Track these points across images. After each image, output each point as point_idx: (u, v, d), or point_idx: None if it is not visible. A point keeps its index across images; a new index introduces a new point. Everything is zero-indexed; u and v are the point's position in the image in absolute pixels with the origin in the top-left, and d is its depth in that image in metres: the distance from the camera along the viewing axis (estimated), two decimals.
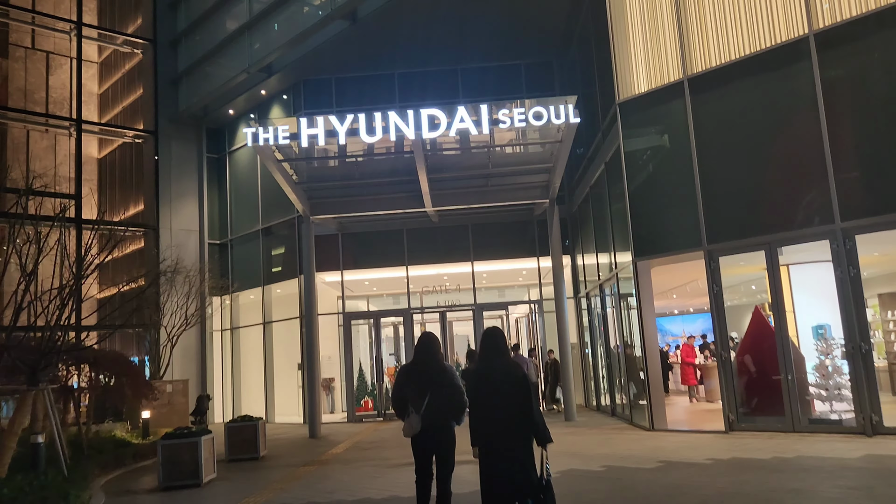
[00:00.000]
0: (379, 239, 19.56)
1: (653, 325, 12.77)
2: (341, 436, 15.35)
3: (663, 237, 12.60)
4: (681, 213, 12.32)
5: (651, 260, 12.67)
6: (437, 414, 5.50)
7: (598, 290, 16.47)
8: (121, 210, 24.78)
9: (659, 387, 12.64)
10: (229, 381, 22.05)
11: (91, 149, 26.82)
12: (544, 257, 19.16)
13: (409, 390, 5.64)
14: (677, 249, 12.29)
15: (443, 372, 5.66)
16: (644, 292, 12.71)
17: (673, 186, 12.49)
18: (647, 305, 12.71)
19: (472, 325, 19.31)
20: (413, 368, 5.77)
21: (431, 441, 5.56)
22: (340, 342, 19.43)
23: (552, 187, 15.49)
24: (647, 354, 12.55)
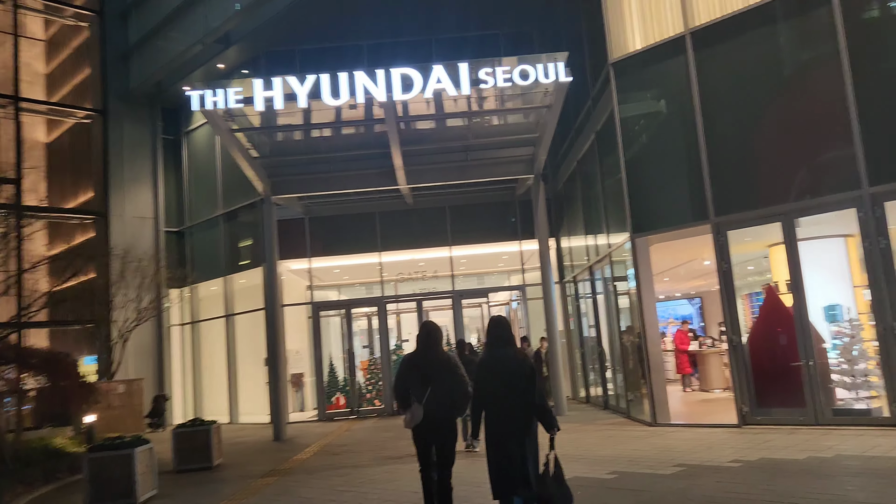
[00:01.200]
0: (349, 223, 18.02)
1: (653, 309, 11.45)
2: (310, 437, 13.83)
3: (664, 211, 11.28)
4: (684, 183, 11.00)
5: (650, 236, 11.34)
6: (440, 404, 5.39)
7: (587, 273, 15.13)
8: (70, 198, 22.89)
9: (661, 377, 11.32)
10: (190, 379, 20.35)
11: (38, 133, 24.81)
12: (527, 240, 17.80)
13: (412, 380, 5.50)
14: (680, 224, 10.96)
15: (447, 361, 5.54)
16: (643, 272, 11.38)
17: (675, 154, 11.17)
18: (646, 286, 11.38)
19: (451, 313, 17.88)
20: (415, 358, 5.62)
21: (433, 432, 5.45)
22: (310, 335, 17.86)
23: (538, 161, 14.08)
24: (648, 341, 11.23)
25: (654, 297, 11.49)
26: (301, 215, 17.80)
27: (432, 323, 5.80)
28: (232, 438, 14.73)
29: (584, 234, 15.08)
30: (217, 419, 19.47)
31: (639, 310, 11.32)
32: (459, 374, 5.52)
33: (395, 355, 17.64)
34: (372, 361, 17.69)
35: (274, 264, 14.50)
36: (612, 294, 13.40)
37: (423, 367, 5.51)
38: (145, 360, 19.85)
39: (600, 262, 13.74)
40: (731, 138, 10.45)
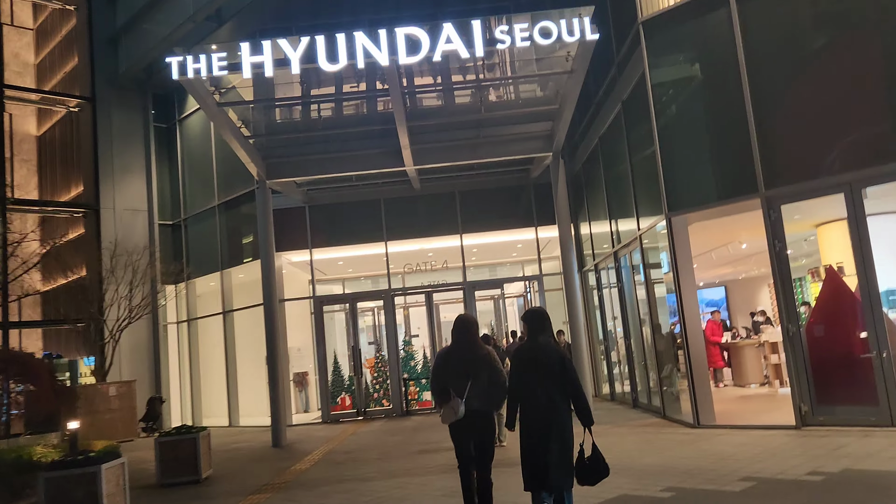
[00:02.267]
0: (352, 211, 16.71)
1: (693, 296, 10.12)
2: (312, 442, 12.56)
3: (705, 186, 9.93)
4: (728, 153, 9.64)
5: (689, 214, 9.99)
6: (481, 399, 5.30)
7: (611, 261, 13.78)
8: (60, 191, 21.70)
9: (704, 372, 9.99)
10: (187, 380, 19.12)
11: (28, 126, 23.66)
12: (544, 227, 16.48)
13: (451, 375, 5.35)
14: (724, 199, 9.59)
15: (486, 355, 5.39)
16: (681, 255, 10.04)
17: (717, 121, 9.81)
18: (685, 270, 10.04)
19: (463, 306, 16.58)
20: (452, 352, 5.50)
21: (473, 427, 5.33)
22: (313, 331, 16.58)
23: (557, 137, 12.72)
24: (688, 332, 9.90)
25: (694, 283, 10.15)
26: (301, 203, 16.51)
27: (469, 315, 5.66)
28: (228, 444, 13.49)
29: (606, 219, 13.72)
30: (216, 422, 18.48)
31: (678, 297, 9.97)
32: (498, 367, 5.38)
33: (403, 352, 16.37)
34: (379, 359, 16.41)
35: (270, 255, 13.22)
36: (640, 282, 12.05)
37: (462, 361, 5.35)
38: (140, 360, 18.65)
39: (627, 248, 12.40)
40: (782, 100, 9.09)
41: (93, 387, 16.48)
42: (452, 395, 5.24)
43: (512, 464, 7.63)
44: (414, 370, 16.30)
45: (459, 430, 5.35)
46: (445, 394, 5.30)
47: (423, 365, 16.33)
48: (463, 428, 5.31)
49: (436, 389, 5.43)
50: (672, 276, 10.09)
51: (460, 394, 5.21)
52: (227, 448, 12.90)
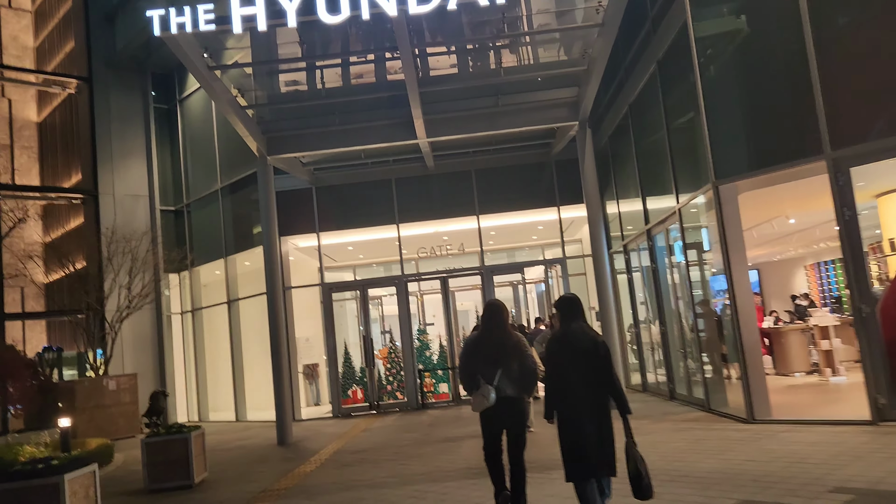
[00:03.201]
0: (362, 192, 15.58)
1: (745, 273, 8.88)
2: (321, 439, 11.49)
3: (758, 149, 8.67)
4: (787, 110, 8.38)
5: (740, 182, 8.73)
6: (511, 385, 5.13)
7: (642, 240, 12.53)
8: (63, 178, 20.75)
9: (758, 359, 8.77)
10: (192, 372, 18.12)
11: (29, 111, 22.73)
12: (567, 206, 15.28)
13: (479, 362, 5.18)
14: (782, 162, 8.31)
15: (517, 341, 5.24)
16: (731, 227, 8.81)
17: (773, 75, 8.53)
18: (735, 245, 8.81)
19: (481, 293, 15.42)
20: (482, 338, 5.33)
21: (504, 415, 5.13)
22: (323, 320, 15.49)
23: (584, 103, 11.50)
24: (740, 315, 8.67)
25: (745, 260, 8.90)
26: (307, 185, 15.39)
27: (498, 301, 5.45)
28: (231, 442, 12.46)
29: (637, 195, 12.45)
30: (222, 417, 17.50)
31: (728, 276, 8.75)
32: (528, 353, 5.25)
33: (417, 341, 15.25)
34: (392, 349, 15.30)
35: (273, 239, 12.14)
36: (679, 262, 10.83)
37: (492, 348, 5.21)
38: (144, 352, 17.70)
39: (663, 224, 11.15)
40: (852, 48, 7.82)
41: (92, 380, 15.52)
42: (482, 382, 5.07)
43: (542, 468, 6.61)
44: (429, 361, 15.18)
45: (490, 418, 5.17)
46: (474, 381, 5.14)
47: (438, 355, 15.21)
48: (494, 415, 5.14)
49: (465, 376, 5.27)
50: (720, 251, 8.85)
51: (490, 381, 5.06)
52: (230, 446, 11.86)
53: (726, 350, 10.17)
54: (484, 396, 5.04)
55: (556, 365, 4.74)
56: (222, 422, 16.74)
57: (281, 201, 15.40)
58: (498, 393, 5.05)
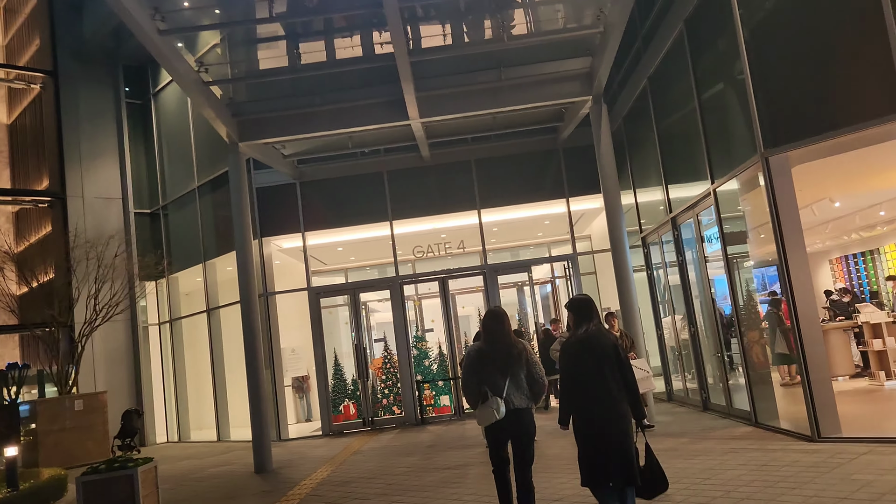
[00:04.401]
0: (351, 187, 14.07)
1: (804, 262, 7.35)
2: (305, 465, 9.94)
3: (819, 110, 7.14)
4: (855, 64, 6.87)
5: (795, 150, 7.23)
6: (520, 396, 4.86)
7: (665, 231, 11.03)
8: (34, 182, 19.21)
9: (823, 365, 7.24)
10: (172, 388, 16.54)
11: None
12: (577, 198, 13.80)
13: (485, 373, 4.87)
14: (850, 125, 6.79)
15: (522, 350, 4.95)
16: (785, 207, 7.31)
17: (835, 25, 7.03)
18: (791, 228, 7.30)
19: (484, 295, 13.89)
20: (486, 349, 4.99)
21: (514, 427, 4.83)
22: (311, 329, 13.94)
23: (599, 76, 10.02)
24: (800, 312, 7.16)
25: (803, 246, 7.37)
26: (291, 180, 13.89)
27: (499, 308, 5.17)
28: (204, 468, 10.90)
29: (659, 182, 10.96)
30: (204, 436, 15.95)
31: (783, 266, 7.23)
32: (535, 362, 4.97)
33: (415, 349, 13.71)
34: (387, 358, 13.74)
35: (247, 237, 10.61)
36: (714, 253, 9.33)
37: (499, 358, 4.87)
38: (117, 367, 16.15)
39: (693, 210, 9.65)
40: None
41: (55, 400, 13.94)
42: (490, 395, 4.80)
43: None
44: (428, 371, 13.64)
45: (498, 432, 4.91)
46: (479, 394, 4.87)
47: (438, 364, 13.67)
48: (502, 429, 4.86)
49: (470, 390, 4.97)
50: (773, 236, 7.33)
51: (498, 393, 4.81)
52: (201, 475, 10.30)
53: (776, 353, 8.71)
54: (493, 409, 4.73)
55: (574, 369, 4.56)
56: (203, 442, 15.17)
57: (262, 198, 13.99)
58: (507, 405, 4.78)
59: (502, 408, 4.73)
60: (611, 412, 4.38)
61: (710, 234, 9.54)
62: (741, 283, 8.88)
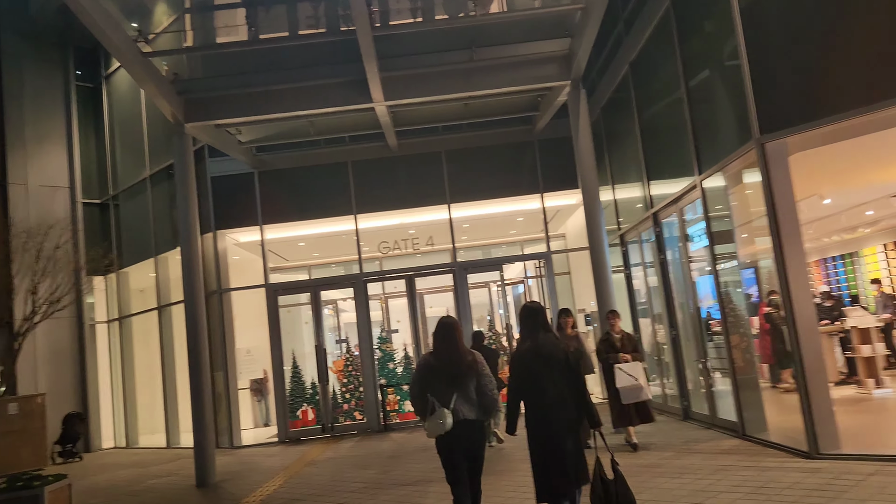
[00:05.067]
0: (313, 178, 13.14)
1: (801, 260, 6.63)
2: (253, 477, 8.99)
3: (822, 91, 6.42)
4: (858, 42, 6.16)
5: (794, 136, 6.50)
6: (468, 408, 4.69)
7: (644, 228, 10.32)
8: None
9: (822, 375, 6.51)
10: (120, 390, 15.41)
11: None
12: (552, 193, 13.07)
13: (435, 384, 4.71)
14: (856, 107, 6.08)
15: (473, 361, 4.76)
16: (781, 198, 6.59)
17: None
18: (787, 221, 6.58)
19: (453, 294, 13.05)
20: (436, 359, 4.81)
21: (463, 439, 4.67)
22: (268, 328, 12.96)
23: (578, 58, 9.26)
24: (797, 316, 6.44)
25: (800, 242, 6.65)
26: (249, 169, 12.91)
27: (451, 318, 4.97)
28: (143, 480, 9.90)
29: (639, 177, 10.24)
30: (154, 442, 14.86)
31: (779, 262, 6.51)
32: (486, 374, 4.78)
33: (379, 351, 12.82)
34: (349, 360, 12.83)
35: (192, 228, 9.64)
36: (699, 253, 8.62)
37: (447, 368, 4.72)
38: (62, 367, 14.95)
39: (677, 205, 8.93)
40: None
41: None
42: (437, 406, 4.64)
43: None
44: (393, 374, 12.75)
45: (448, 444, 4.72)
46: (426, 406, 4.69)
47: (404, 367, 12.80)
48: (452, 441, 4.68)
49: (416, 401, 4.82)
50: (770, 231, 6.61)
51: (446, 404, 4.63)
52: (136, 488, 9.29)
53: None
54: (440, 421, 4.61)
55: (527, 377, 4.50)
56: (152, 449, 14.10)
57: (218, 189, 13.02)
58: (455, 416, 4.64)
59: (448, 419, 4.59)
60: (567, 422, 4.30)
61: (694, 232, 8.83)
62: (727, 283, 8.16)
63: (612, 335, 8.14)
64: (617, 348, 8.03)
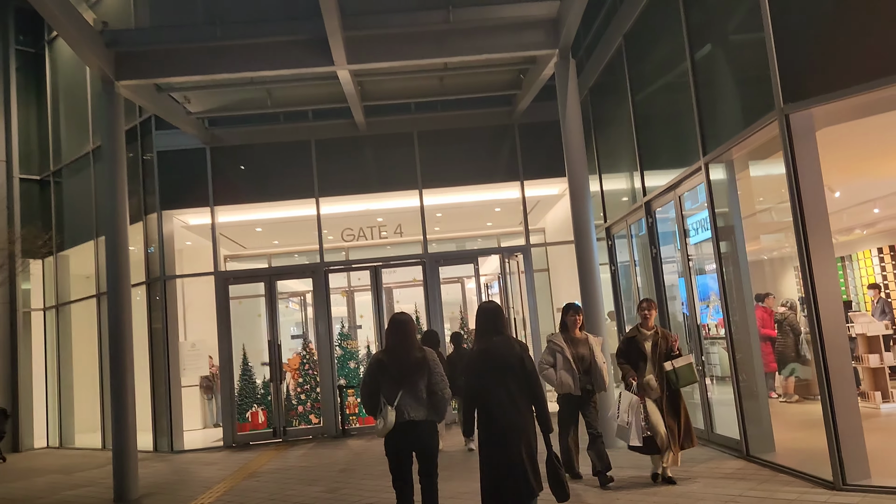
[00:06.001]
0: (272, 156, 11.88)
1: (830, 254, 5.56)
2: (184, 490, 7.74)
3: (856, 56, 5.35)
4: None
5: (824, 105, 5.43)
6: (416, 407, 4.48)
7: (634, 220, 9.25)
8: None
9: (851, 391, 5.45)
10: (55, 384, 13.97)
11: None
12: (533, 181, 11.97)
13: (383, 382, 4.52)
14: None
15: (422, 359, 4.60)
16: (808, 178, 5.53)
17: None
18: (815, 208, 5.51)
19: (423, 289, 11.87)
20: (386, 357, 4.62)
21: (410, 439, 4.48)
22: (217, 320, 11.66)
23: (567, 23, 8.13)
24: (824, 322, 5.37)
25: (829, 233, 5.59)
26: (200, 144, 11.60)
27: (404, 314, 4.85)
28: (60, 490, 8.59)
29: (631, 165, 9.17)
30: (90, 442, 13.45)
31: (805, 257, 5.44)
32: (438, 372, 4.61)
33: (339, 349, 11.60)
34: (306, 358, 11.59)
35: (119, 207, 8.30)
36: (701, 247, 7.57)
37: (395, 366, 4.55)
38: None
39: (675, 191, 7.86)
40: None
41: None
42: (384, 404, 4.46)
43: None
44: (354, 374, 11.54)
45: (394, 443, 4.50)
46: (377, 404, 4.52)
47: (366, 367, 11.56)
48: (398, 440, 4.48)
49: (366, 400, 4.60)
50: (793, 219, 5.54)
51: (390, 402, 4.43)
52: (47, 500, 7.95)
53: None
54: (385, 419, 4.39)
55: (475, 382, 4.27)
56: (86, 450, 12.73)
57: (165, 164, 11.72)
58: (400, 416, 4.40)
59: (390, 418, 4.40)
60: (518, 427, 4.11)
61: (694, 223, 7.77)
62: (730, 281, 7.10)
63: (642, 333, 6.12)
64: (642, 353, 6.04)
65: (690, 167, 7.30)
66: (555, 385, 6.29)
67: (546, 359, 6.38)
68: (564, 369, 6.24)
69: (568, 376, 6.22)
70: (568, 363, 6.25)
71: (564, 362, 6.25)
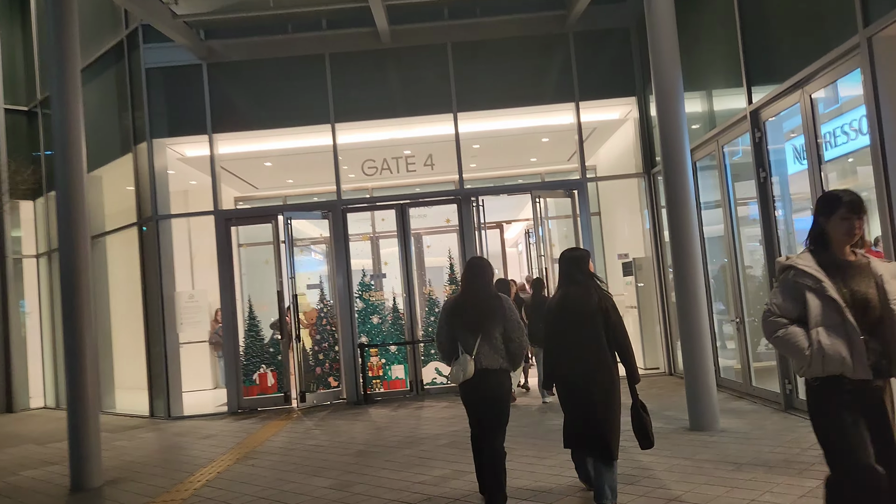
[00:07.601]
0: (279, 74, 9.90)
1: None
2: (163, 475, 6.06)
3: None
4: None
5: None
6: (491, 356, 4.27)
7: (741, 131, 7.07)
8: None
9: None
10: (49, 340, 12.48)
11: None
12: (590, 102, 9.79)
13: (458, 329, 4.36)
14: None
15: (499, 306, 4.36)
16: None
17: None
18: None
19: (458, 235, 9.90)
20: (461, 302, 4.45)
21: (481, 388, 4.30)
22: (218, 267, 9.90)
23: None
24: None
25: None
26: (196, 59, 9.66)
27: (481, 258, 4.73)
28: (21, 468, 6.96)
29: (732, 58, 6.99)
30: None
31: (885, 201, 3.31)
32: (515, 319, 4.35)
33: (360, 301, 9.77)
34: (324, 311, 9.80)
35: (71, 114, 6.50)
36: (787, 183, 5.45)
37: (472, 313, 4.35)
38: None
39: (803, 88, 5.69)
40: None
41: None
42: (461, 351, 4.28)
43: None
44: (377, 330, 9.73)
45: (470, 393, 4.36)
46: (453, 350, 4.37)
47: (392, 322, 9.76)
48: (470, 390, 4.32)
49: (442, 345, 4.52)
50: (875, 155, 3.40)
51: (469, 350, 4.26)
52: None
53: None
54: (461, 367, 4.23)
55: (552, 332, 4.29)
56: None
57: (154, 84, 9.87)
58: (476, 364, 4.21)
59: (469, 367, 4.20)
60: (597, 374, 4.03)
61: (830, 130, 5.63)
62: None
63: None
64: None
65: (837, 50, 5.13)
66: (803, 358, 2.78)
67: (782, 305, 2.89)
68: (830, 327, 2.77)
69: (840, 342, 2.73)
70: (838, 313, 2.76)
71: (828, 311, 2.78)
